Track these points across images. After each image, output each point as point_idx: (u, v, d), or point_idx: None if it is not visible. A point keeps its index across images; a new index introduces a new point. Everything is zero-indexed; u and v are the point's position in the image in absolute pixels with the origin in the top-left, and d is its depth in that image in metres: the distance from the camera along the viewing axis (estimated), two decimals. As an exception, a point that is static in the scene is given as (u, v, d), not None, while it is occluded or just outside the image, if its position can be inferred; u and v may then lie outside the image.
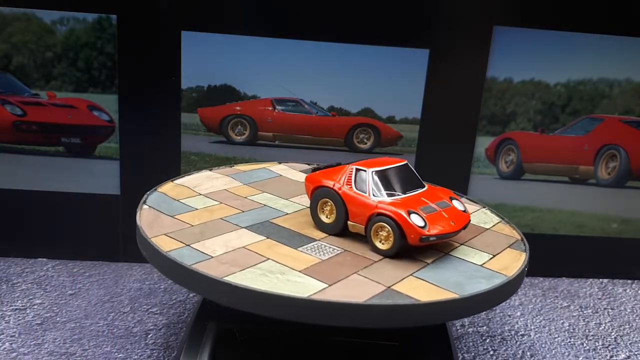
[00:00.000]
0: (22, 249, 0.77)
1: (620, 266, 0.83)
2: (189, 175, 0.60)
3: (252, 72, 0.73)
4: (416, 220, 0.44)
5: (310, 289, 0.40)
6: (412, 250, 0.46)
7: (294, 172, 0.64)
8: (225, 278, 0.41)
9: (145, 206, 0.51)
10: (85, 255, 0.77)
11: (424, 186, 0.49)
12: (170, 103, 0.73)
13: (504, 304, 0.73)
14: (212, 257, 0.44)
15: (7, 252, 0.77)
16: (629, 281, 0.83)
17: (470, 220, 0.48)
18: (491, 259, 0.47)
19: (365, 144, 0.76)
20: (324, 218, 0.49)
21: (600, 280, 0.83)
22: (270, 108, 0.75)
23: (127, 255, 0.78)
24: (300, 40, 0.72)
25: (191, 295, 0.70)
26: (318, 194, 0.49)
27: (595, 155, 0.79)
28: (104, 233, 0.77)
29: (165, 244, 0.45)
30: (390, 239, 0.45)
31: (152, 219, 0.49)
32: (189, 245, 0.45)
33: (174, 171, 0.75)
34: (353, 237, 0.48)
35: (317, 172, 0.51)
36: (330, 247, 0.47)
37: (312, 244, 0.47)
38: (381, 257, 0.46)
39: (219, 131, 0.75)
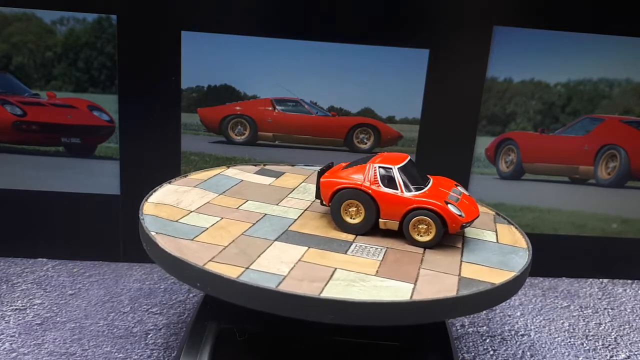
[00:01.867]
0: (22, 249, 0.77)
1: (620, 266, 0.83)
2: (155, 191, 0.55)
3: (252, 72, 0.73)
4: (454, 210, 0.47)
5: (404, 291, 0.41)
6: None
7: (249, 175, 0.62)
8: (345, 297, 0.39)
9: (153, 233, 0.46)
10: (85, 255, 0.77)
11: (429, 177, 0.51)
12: (170, 103, 0.73)
13: (503, 303, 0.73)
14: (285, 276, 0.41)
15: (7, 252, 0.77)
16: (629, 281, 0.83)
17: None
18: (497, 235, 0.52)
19: (365, 144, 0.76)
20: (348, 219, 0.49)
21: (600, 280, 0.83)
22: (270, 108, 0.75)
23: (127, 255, 0.78)
24: (300, 40, 0.72)
25: (191, 295, 0.70)
26: (342, 196, 0.48)
27: (595, 155, 0.79)
28: (104, 233, 0.77)
29: (228, 271, 0.41)
30: (432, 230, 0.47)
31: (176, 246, 0.44)
32: (248, 267, 0.42)
33: (174, 171, 0.75)
34: (380, 234, 0.49)
35: (326, 174, 0.50)
36: (371, 247, 0.47)
37: (352, 246, 0.47)
38: (421, 249, 0.47)
39: (219, 131, 0.75)
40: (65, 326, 0.62)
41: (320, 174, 0.51)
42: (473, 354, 0.62)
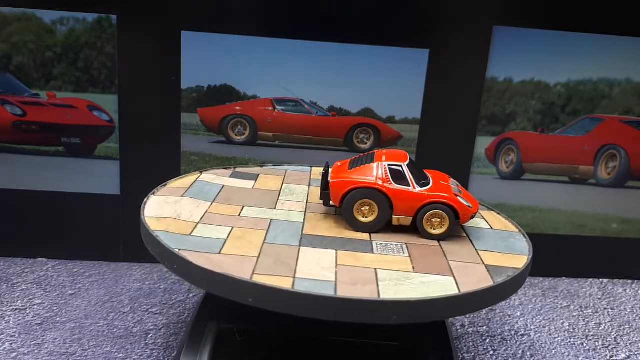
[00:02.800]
0: (22, 249, 0.77)
1: (620, 266, 0.83)
2: (145, 206, 0.51)
3: (252, 72, 0.73)
4: (464, 202, 0.49)
5: (450, 285, 0.42)
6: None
7: (227, 180, 0.60)
8: (404, 297, 0.39)
9: (178, 251, 0.43)
10: (85, 255, 0.77)
11: (425, 172, 0.52)
12: (170, 103, 0.73)
13: (503, 303, 0.73)
14: (334, 281, 0.41)
15: (7, 252, 0.77)
16: (629, 281, 0.83)
17: None
18: (487, 222, 0.55)
19: (365, 144, 0.76)
20: (361, 218, 0.49)
21: (600, 280, 0.83)
22: (270, 108, 0.75)
23: (127, 255, 0.78)
24: (300, 40, 0.72)
25: (191, 295, 0.70)
26: (355, 196, 0.48)
27: (595, 155, 0.79)
28: (104, 233, 0.77)
29: (279, 282, 0.40)
30: (445, 223, 0.49)
31: (211, 262, 0.42)
32: (295, 277, 0.41)
33: (174, 171, 0.75)
34: (391, 230, 0.50)
35: (333, 176, 0.50)
36: (391, 244, 0.48)
37: (374, 245, 0.47)
38: (434, 241, 0.49)
39: (219, 131, 0.75)
40: (65, 326, 0.62)
41: (325, 177, 0.51)
42: (473, 354, 0.62)
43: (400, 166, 0.49)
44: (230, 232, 0.48)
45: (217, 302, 0.55)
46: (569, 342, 0.66)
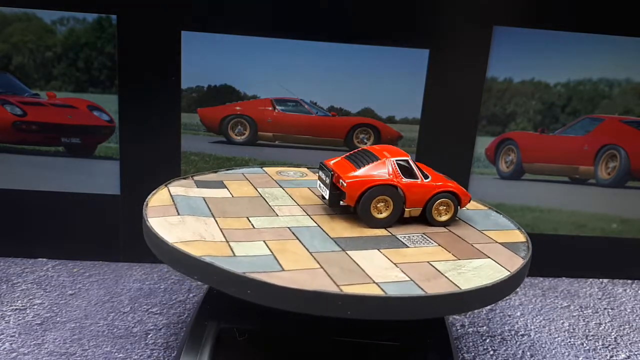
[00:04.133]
0: (22, 249, 0.77)
1: (620, 266, 0.83)
2: (158, 232, 0.46)
3: (252, 72, 0.73)
4: (463, 189, 0.53)
5: (496, 267, 0.45)
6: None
7: (201, 190, 0.56)
8: (481, 284, 0.42)
9: (245, 274, 0.40)
10: (85, 255, 0.77)
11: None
12: (170, 103, 0.73)
13: (503, 304, 0.73)
14: (411, 279, 0.42)
15: (7, 252, 0.77)
16: (629, 281, 0.83)
17: None
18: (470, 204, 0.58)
19: (365, 144, 0.76)
20: (377, 214, 0.50)
21: (600, 280, 0.83)
22: (270, 108, 0.75)
23: (127, 255, 0.78)
24: (300, 40, 0.72)
25: (191, 295, 0.70)
26: (372, 194, 0.49)
27: (595, 155, 0.79)
28: (104, 233, 0.77)
29: (371, 290, 0.40)
30: (451, 210, 0.52)
31: (291, 280, 0.40)
32: (376, 282, 0.41)
33: (174, 171, 0.75)
34: (401, 222, 0.52)
35: (345, 176, 0.50)
36: (413, 236, 0.50)
37: (402, 239, 0.49)
38: (443, 227, 0.52)
39: (219, 131, 0.75)
40: (65, 326, 0.62)
41: (332, 178, 0.51)
42: (473, 354, 0.62)
43: (407, 161, 0.51)
44: (270, 246, 0.45)
45: (217, 302, 0.55)
46: (569, 342, 0.66)
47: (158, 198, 0.53)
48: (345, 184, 0.49)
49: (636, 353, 0.65)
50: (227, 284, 0.40)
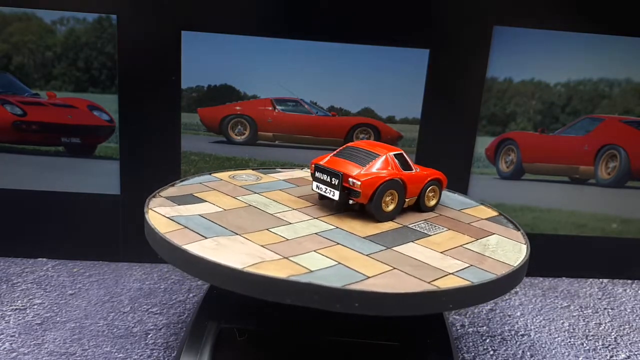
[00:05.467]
0: (22, 249, 0.77)
1: (620, 266, 0.83)
2: (206, 262, 0.41)
3: (252, 72, 0.73)
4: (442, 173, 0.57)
5: (515, 242, 0.51)
6: None
7: (185, 208, 0.51)
8: (523, 259, 0.47)
9: (348, 286, 0.39)
10: (85, 255, 0.77)
11: None
12: (170, 103, 0.73)
13: (503, 303, 0.73)
14: (471, 265, 0.45)
15: (7, 252, 0.77)
16: (629, 281, 0.83)
17: None
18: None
19: (365, 144, 0.76)
20: (385, 208, 0.52)
21: (600, 280, 0.83)
22: (270, 108, 0.75)
23: (127, 255, 0.78)
24: (300, 40, 0.72)
25: (191, 295, 0.70)
26: (384, 189, 0.51)
27: (595, 155, 0.79)
28: (104, 233, 0.77)
29: (461, 281, 0.41)
30: (437, 195, 0.56)
31: (387, 285, 0.40)
32: (456, 273, 0.42)
33: (174, 171, 0.75)
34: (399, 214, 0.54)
35: (353, 175, 0.50)
36: (421, 224, 0.53)
37: (417, 229, 0.52)
38: (433, 212, 0.56)
39: (219, 131, 0.75)
40: (65, 326, 0.62)
41: (342, 180, 0.51)
42: (473, 354, 0.62)
43: (401, 154, 0.54)
44: (326, 255, 0.44)
45: (217, 302, 0.55)
46: (569, 342, 0.66)
47: (160, 223, 0.47)
48: (359, 183, 0.50)
49: (636, 353, 0.65)
50: (331, 301, 0.39)
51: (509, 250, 0.49)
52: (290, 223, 0.50)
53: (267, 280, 0.39)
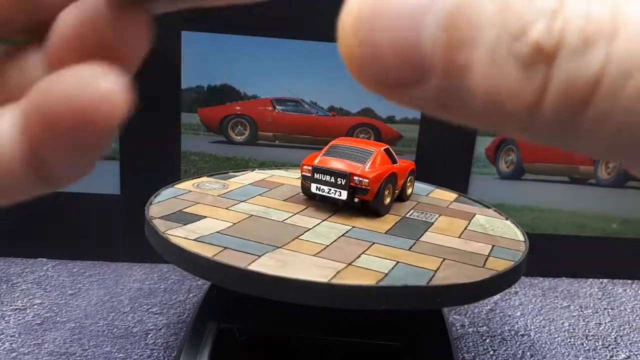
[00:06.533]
0: (22, 249, 0.77)
1: (620, 266, 0.83)
2: (287, 281, 0.39)
3: (252, 72, 0.73)
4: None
5: (492, 218, 0.57)
6: None
7: (188, 229, 0.46)
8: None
9: (420, 283, 0.40)
10: (85, 255, 0.77)
11: None
12: (170, 103, 0.73)
13: (503, 303, 0.73)
14: (495, 245, 0.49)
15: (7, 252, 0.77)
16: (629, 281, 0.83)
17: None
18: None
19: (365, 144, 0.76)
20: (385, 202, 0.54)
21: (600, 280, 0.83)
22: (270, 108, 0.75)
23: (127, 255, 0.78)
24: (300, 40, 0.72)
25: (191, 295, 0.70)
26: (386, 183, 0.52)
27: (595, 155, 0.79)
28: (104, 233, 0.77)
29: (504, 264, 0.44)
30: (412, 184, 0.60)
31: (453, 279, 0.40)
32: (490, 255, 0.46)
33: (174, 171, 0.75)
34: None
35: (358, 173, 0.51)
36: (415, 213, 0.56)
37: (417, 218, 0.54)
38: (410, 201, 0.60)
39: (219, 131, 0.75)
40: (65, 326, 0.62)
41: (349, 179, 0.51)
42: (473, 354, 0.62)
43: (388, 149, 0.55)
44: (377, 256, 0.43)
45: (217, 302, 0.55)
46: (569, 342, 0.66)
47: (196, 247, 0.42)
48: (367, 181, 0.51)
49: (636, 353, 0.65)
50: (424, 301, 0.40)
51: (497, 225, 0.53)
52: (309, 228, 0.48)
53: (358, 290, 0.38)
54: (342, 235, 0.48)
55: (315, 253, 0.43)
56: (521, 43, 0.13)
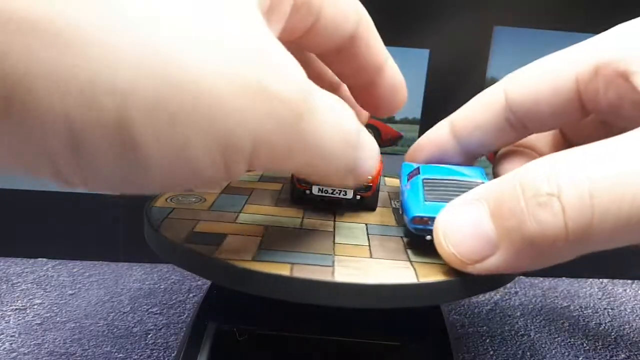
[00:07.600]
0: (22, 249, 0.77)
1: (620, 266, 0.83)
2: (330, 284, 0.38)
3: (252, 72, 0.73)
4: None
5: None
6: None
7: (223, 249, 0.41)
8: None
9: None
10: (85, 255, 0.77)
11: None
12: (170, 103, 0.73)
13: (503, 303, 0.73)
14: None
15: (7, 252, 0.77)
16: (629, 281, 0.83)
17: None
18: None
19: (365, 144, 0.76)
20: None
21: (600, 280, 0.83)
22: (270, 108, 0.75)
23: (127, 255, 0.78)
24: (300, 40, 0.72)
25: (191, 295, 0.70)
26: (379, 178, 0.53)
27: (595, 155, 0.79)
28: (104, 233, 0.77)
29: None
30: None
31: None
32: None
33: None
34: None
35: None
36: (396, 202, 0.56)
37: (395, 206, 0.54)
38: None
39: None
40: (65, 326, 0.62)
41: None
42: (473, 354, 0.62)
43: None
44: (417, 254, 0.42)
45: (217, 302, 0.55)
46: (569, 342, 0.66)
47: (256, 265, 0.39)
48: (370, 177, 0.50)
49: (636, 353, 0.65)
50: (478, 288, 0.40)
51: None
52: (328, 231, 0.46)
53: (443, 285, 0.38)
54: (369, 234, 0.46)
55: (368, 256, 0.41)
56: None
